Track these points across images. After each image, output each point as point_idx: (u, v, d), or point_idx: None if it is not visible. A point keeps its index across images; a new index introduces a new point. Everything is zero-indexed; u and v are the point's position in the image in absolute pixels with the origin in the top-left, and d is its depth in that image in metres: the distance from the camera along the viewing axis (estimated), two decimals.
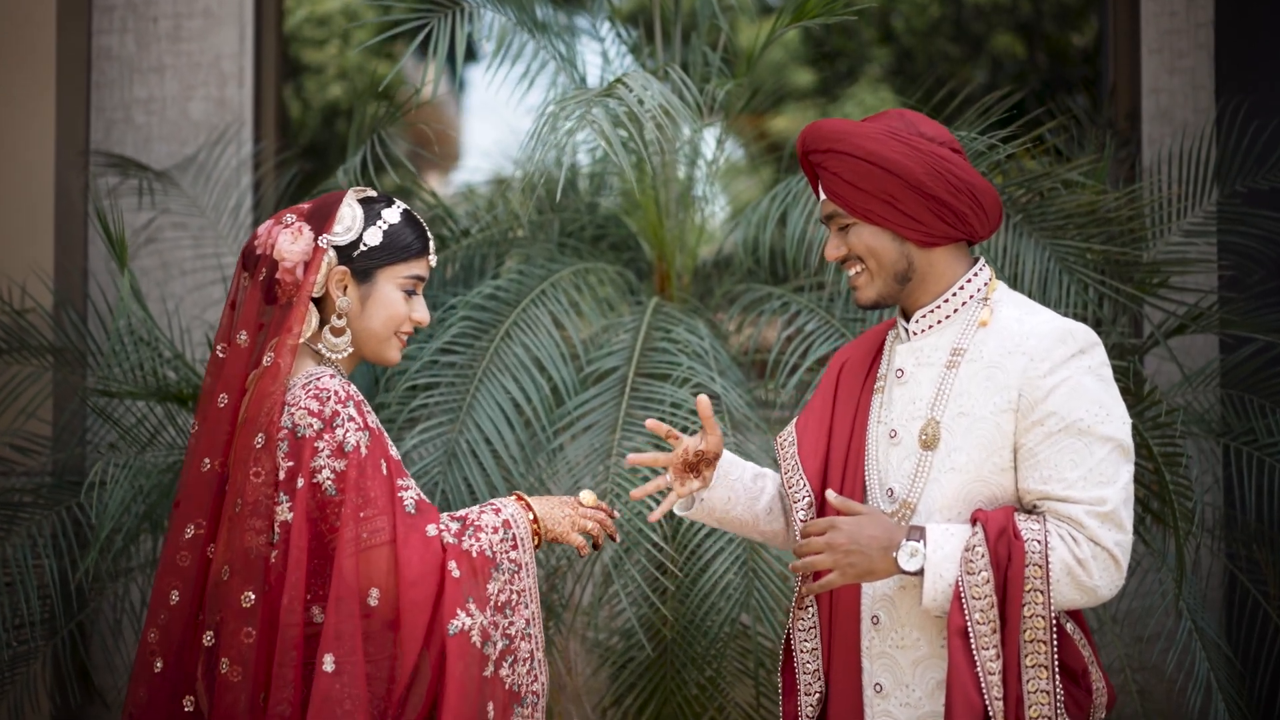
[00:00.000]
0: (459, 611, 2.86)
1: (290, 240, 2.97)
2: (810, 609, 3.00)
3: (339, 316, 3.00)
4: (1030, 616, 2.72)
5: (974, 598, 2.72)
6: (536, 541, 3.02)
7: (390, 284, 3.02)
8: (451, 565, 2.88)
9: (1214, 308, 4.56)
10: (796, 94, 7.53)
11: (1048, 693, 2.73)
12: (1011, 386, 2.78)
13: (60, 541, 4.52)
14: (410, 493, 2.94)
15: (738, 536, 4.17)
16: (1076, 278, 4.28)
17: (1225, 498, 4.82)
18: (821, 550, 2.78)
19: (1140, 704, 4.92)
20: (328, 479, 2.85)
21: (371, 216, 3.01)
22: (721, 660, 4.37)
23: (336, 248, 2.98)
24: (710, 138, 5.01)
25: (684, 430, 4.26)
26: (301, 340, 2.97)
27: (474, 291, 4.53)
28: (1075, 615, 2.89)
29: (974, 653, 2.72)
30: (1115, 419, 2.76)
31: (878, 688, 2.91)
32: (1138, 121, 5.36)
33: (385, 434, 2.98)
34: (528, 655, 2.95)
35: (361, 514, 2.85)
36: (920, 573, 2.75)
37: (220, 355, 3.00)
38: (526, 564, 2.96)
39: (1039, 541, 2.71)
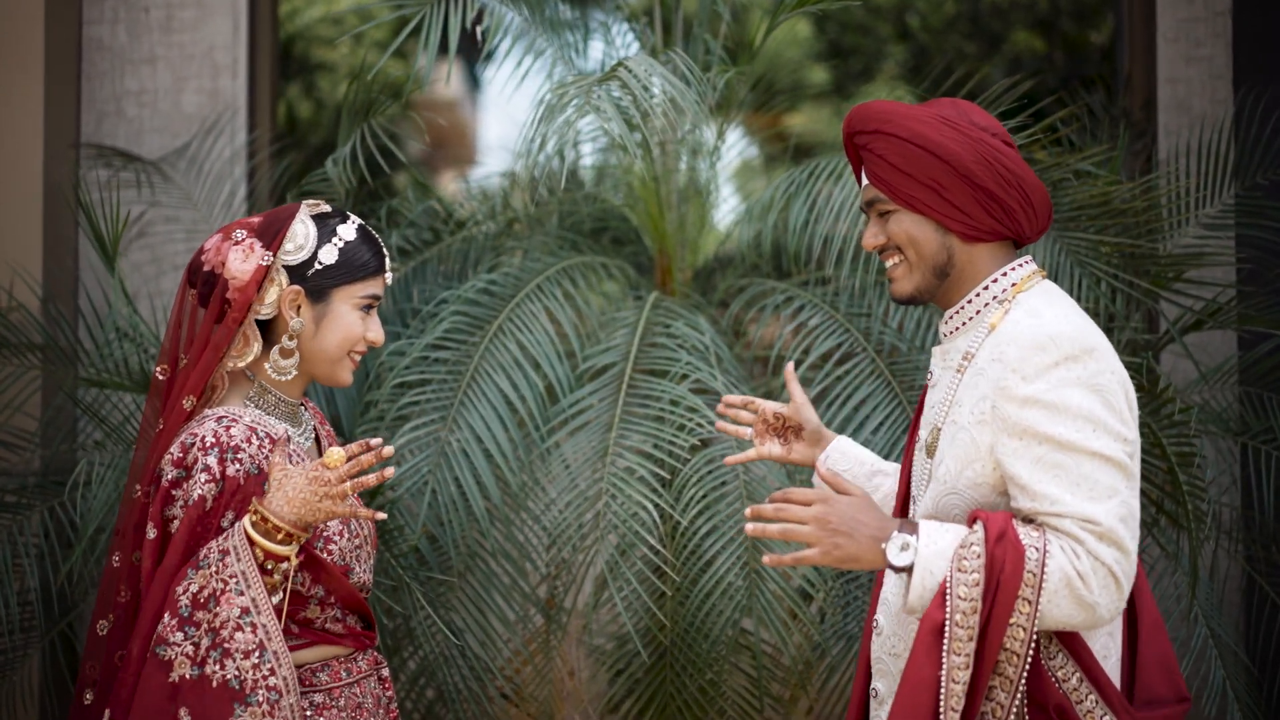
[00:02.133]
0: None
1: (241, 259, 2.87)
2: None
3: (290, 338, 2.90)
4: (1012, 625, 2.56)
5: (960, 597, 2.55)
6: (281, 535, 2.75)
7: (346, 304, 2.92)
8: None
9: (1232, 303, 4.45)
10: (811, 92, 7.48)
11: (1003, 705, 2.59)
12: (987, 397, 2.65)
13: (43, 543, 4.43)
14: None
15: (739, 536, 4.07)
16: (1089, 271, 4.18)
17: (1243, 498, 4.71)
18: (806, 522, 2.61)
19: None
20: (177, 530, 2.78)
21: (326, 233, 2.91)
22: (722, 665, 4.27)
23: (289, 267, 2.89)
24: (712, 129, 4.92)
25: (680, 428, 4.18)
26: (243, 364, 2.89)
27: (466, 286, 4.45)
28: (1081, 654, 2.68)
29: (943, 655, 2.55)
30: (1106, 433, 2.58)
31: (874, 693, 2.82)
32: (1153, 112, 5.25)
33: (266, 476, 2.84)
34: (252, 647, 2.72)
35: (185, 567, 2.76)
36: (909, 569, 2.60)
37: (160, 378, 2.91)
38: (236, 548, 2.73)
39: (1037, 549, 2.55)
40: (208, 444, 2.77)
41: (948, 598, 2.55)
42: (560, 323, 4.45)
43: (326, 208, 2.96)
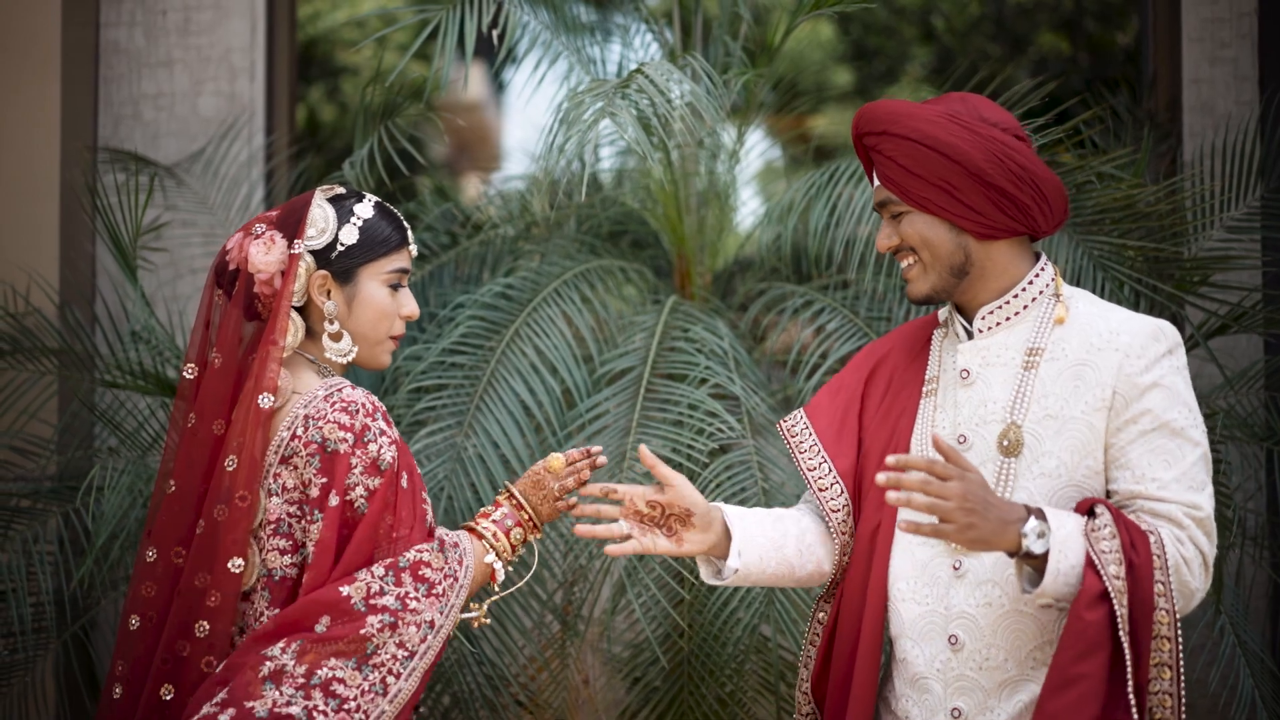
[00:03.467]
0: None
1: (263, 251, 2.87)
2: (820, 615, 2.88)
3: (330, 322, 2.89)
4: (1156, 609, 2.53)
5: (1112, 575, 2.51)
6: (533, 527, 2.96)
7: (374, 281, 2.91)
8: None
9: (1258, 307, 4.40)
10: (834, 94, 7.45)
11: (1171, 694, 2.54)
12: (1105, 384, 2.65)
13: (58, 551, 4.42)
14: (429, 508, 2.88)
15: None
16: (1112, 275, 4.14)
17: (1269, 505, 4.66)
18: (950, 499, 2.46)
19: None
20: (360, 496, 2.76)
21: (344, 214, 2.90)
22: (741, 674, 4.23)
23: (313, 252, 2.88)
24: (732, 132, 4.88)
25: (699, 432, 4.14)
26: (287, 352, 2.86)
27: (483, 290, 4.42)
28: None
29: (1118, 619, 2.51)
30: (1200, 425, 2.66)
31: (955, 713, 2.73)
32: (1178, 113, 5.20)
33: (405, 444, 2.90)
34: (411, 648, 2.72)
35: (395, 534, 2.78)
36: (1043, 556, 2.53)
37: (189, 377, 2.89)
38: (463, 584, 2.81)
39: (1154, 534, 2.56)
40: (369, 409, 2.79)
41: (1101, 574, 2.51)
42: (578, 327, 4.43)
43: (341, 190, 2.95)
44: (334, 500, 2.75)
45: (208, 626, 2.78)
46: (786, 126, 6.15)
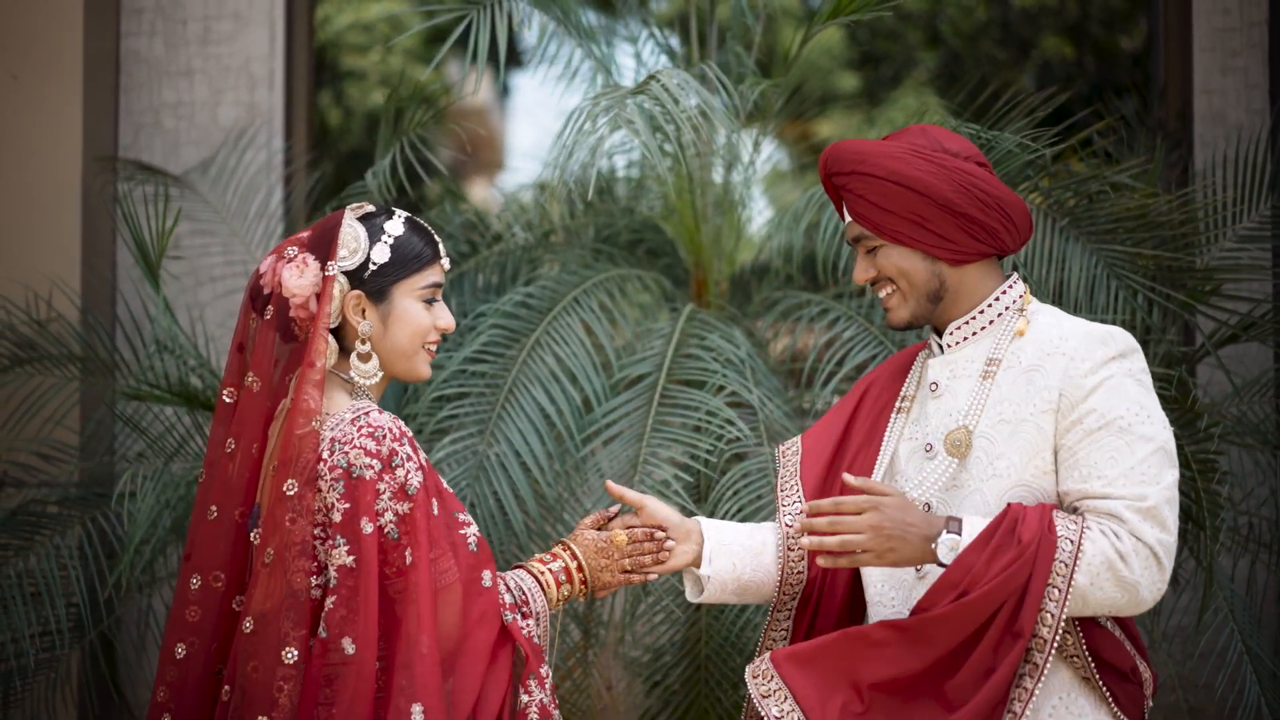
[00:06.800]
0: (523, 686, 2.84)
1: (296, 275, 2.84)
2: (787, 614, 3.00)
3: (363, 342, 2.87)
4: (1041, 612, 2.65)
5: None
6: (583, 590, 3.03)
7: (408, 298, 2.89)
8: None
9: (1268, 316, 4.43)
10: (841, 98, 7.46)
11: (1029, 690, 2.68)
12: (1052, 387, 2.75)
13: (85, 551, 4.46)
14: (472, 529, 2.86)
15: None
16: (1125, 284, 4.17)
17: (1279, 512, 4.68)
18: (863, 530, 2.68)
19: None
20: (390, 522, 2.74)
21: (375, 233, 2.89)
22: None
23: (346, 272, 2.86)
24: (747, 140, 4.91)
25: (715, 439, 4.17)
26: (320, 374, 2.86)
27: (504, 299, 4.45)
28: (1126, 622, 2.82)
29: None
30: (1156, 422, 2.72)
31: None
32: (1189, 123, 5.23)
33: (433, 467, 2.90)
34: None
35: (431, 556, 2.75)
36: None
37: (228, 400, 2.87)
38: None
39: (1071, 541, 2.65)
40: (396, 434, 2.77)
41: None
42: (597, 335, 4.45)
43: (370, 208, 2.93)
44: (366, 527, 2.72)
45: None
46: (793, 131, 6.17)
